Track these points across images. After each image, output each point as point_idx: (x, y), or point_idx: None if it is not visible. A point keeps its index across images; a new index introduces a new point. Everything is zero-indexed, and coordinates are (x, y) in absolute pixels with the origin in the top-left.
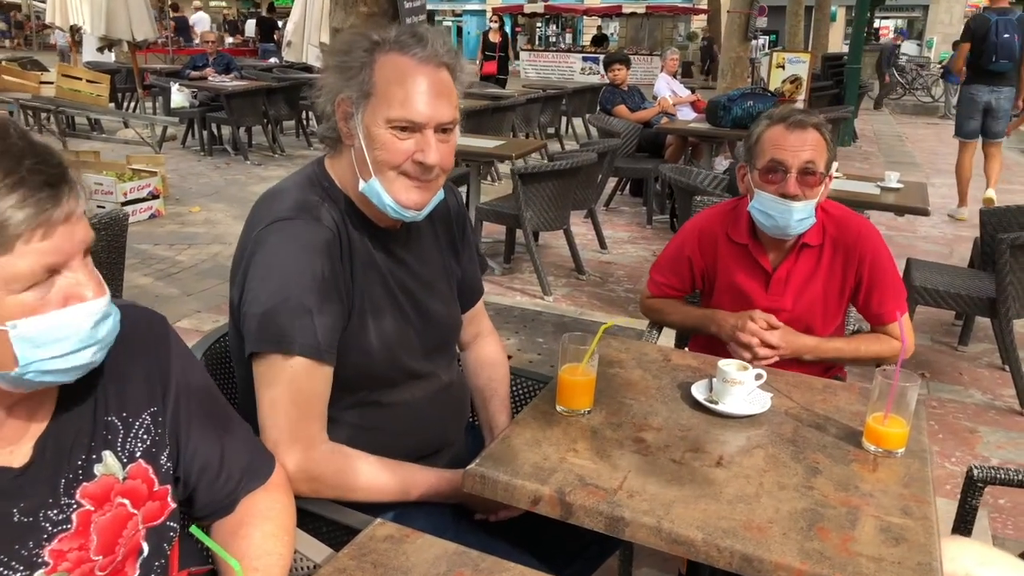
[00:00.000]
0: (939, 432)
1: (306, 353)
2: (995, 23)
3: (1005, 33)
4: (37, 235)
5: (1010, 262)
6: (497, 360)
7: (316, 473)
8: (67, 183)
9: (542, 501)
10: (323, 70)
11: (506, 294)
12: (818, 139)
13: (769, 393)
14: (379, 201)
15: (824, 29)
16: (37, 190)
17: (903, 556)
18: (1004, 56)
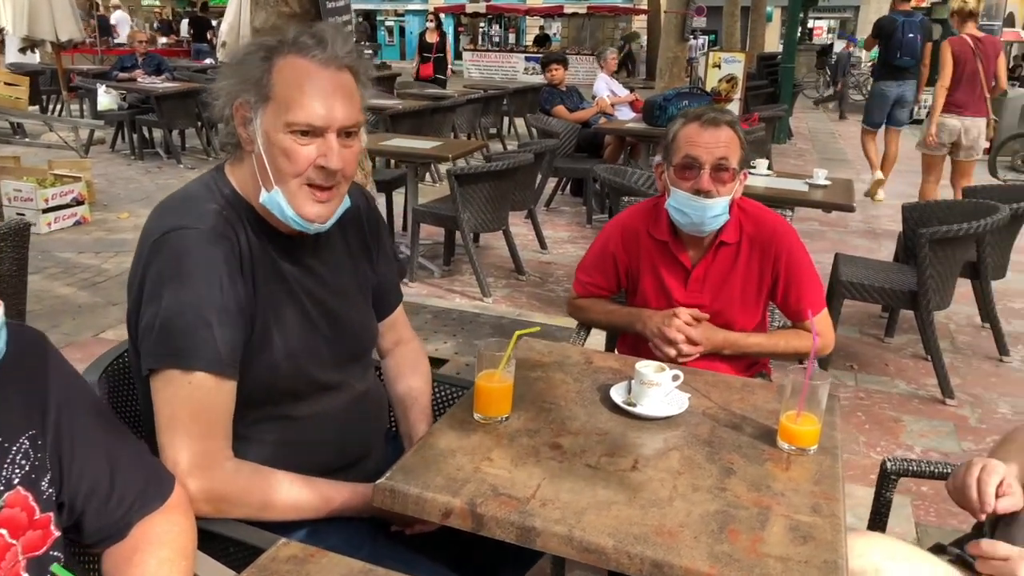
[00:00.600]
0: (866, 423)
1: (207, 368)
2: (901, 24)
3: (910, 33)
4: None
5: (929, 256)
6: (418, 367)
7: (220, 493)
8: None
9: (453, 514)
10: (220, 73)
11: (445, 296)
12: (731, 136)
13: (687, 394)
14: (281, 214)
15: (760, 29)
16: None
17: (810, 555)
18: (907, 54)
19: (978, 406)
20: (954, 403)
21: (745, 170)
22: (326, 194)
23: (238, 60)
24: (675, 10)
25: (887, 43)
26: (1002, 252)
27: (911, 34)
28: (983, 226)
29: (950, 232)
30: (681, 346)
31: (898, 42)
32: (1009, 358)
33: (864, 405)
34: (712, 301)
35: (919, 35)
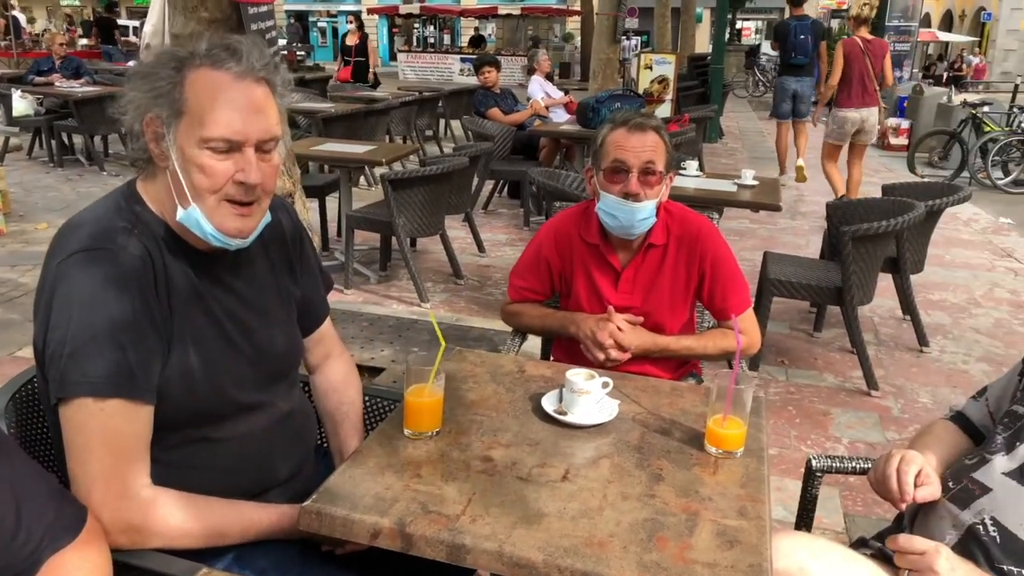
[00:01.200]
0: (796, 417)
1: (120, 394)
2: (794, 27)
3: (801, 35)
4: None
5: (852, 252)
6: (349, 382)
7: (137, 523)
8: None
9: (382, 534)
10: (127, 86)
11: (382, 303)
12: (657, 141)
13: (617, 400)
14: (200, 230)
15: (691, 30)
16: None
17: (736, 559)
18: (801, 53)
19: (900, 396)
20: (878, 394)
21: (671, 172)
22: (246, 209)
23: (146, 72)
24: (607, 12)
25: (783, 44)
26: (920, 247)
27: (802, 36)
28: (902, 223)
29: (871, 229)
30: (610, 351)
31: (792, 44)
32: (929, 349)
33: (795, 400)
34: (642, 302)
35: (810, 36)
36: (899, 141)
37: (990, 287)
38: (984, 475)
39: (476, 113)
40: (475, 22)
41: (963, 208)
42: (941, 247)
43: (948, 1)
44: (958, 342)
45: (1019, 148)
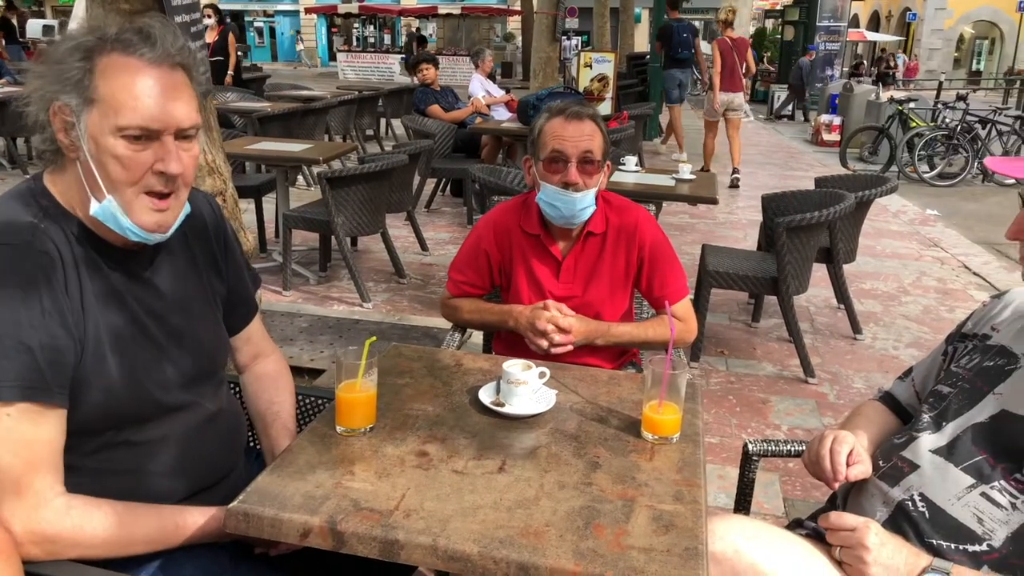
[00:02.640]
0: (737, 406)
1: (28, 397)
2: (676, 28)
3: (684, 34)
4: None
5: (787, 243)
6: (280, 381)
7: (49, 533)
8: None
9: (312, 533)
10: (30, 76)
11: (323, 303)
12: (594, 129)
13: (555, 390)
14: (116, 225)
15: (629, 30)
16: None
17: (672, 543)
18: (684, 48)
19: (836, 383)
20: (815, 381)
21: (608, 162)
22: (165, 202)
23: (52, 60)
24: (546, 11)
25: (669, 43)
26: (851, 237)
27: (684, 35)
28: (833, 213)
29: (804, 220)
30: (552, 336)
31: (677, 42)
32: (862, 336)
33: (735, 389)
34: (583, 291)
35: (689, 35)
36: (831, 137)
37: (918, 276)
38: (912, 453)
39: (416, 111)
40: (415, 22)
41: (892, 200)
42: (872, 238)
43: (875, 2)
44: (889, 329)
45: (944, 143)
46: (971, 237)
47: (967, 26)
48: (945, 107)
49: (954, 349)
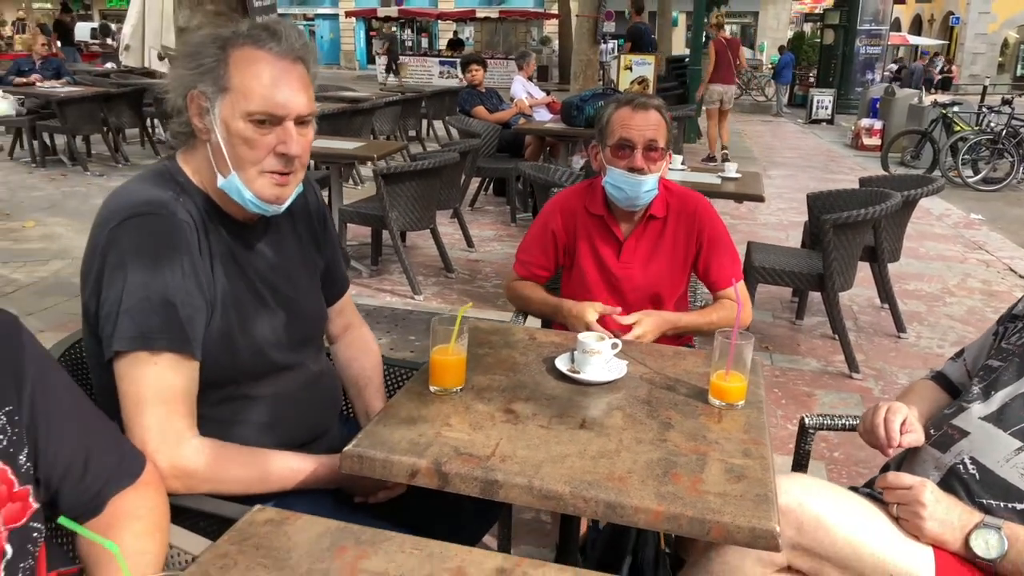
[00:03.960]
0: (782, 398)
1: (172, 348)
2: (644, 29)
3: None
4: None
5: (833, 240)
6: (369, 349)
7: (188, 469)
8: None
9: (419, 473)
10: (172, 65)
11: (376, 296)
12: (659, 119)
13: (625, 361)
14: (239, 197)
15: (667, 33)
16: None
17: (744, 490)
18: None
19: (880, 378)
20: (859, 377)
21: (670, 150)
22: (284, 178)
23: (191, 52)
24: (587, 14)
25: (639, 42)
26: (896, 237)
27: (652, 36)
28: (879, 211)
29: (851, 217)
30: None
31: (646, 42)
32: (906, 335)
33: (780, 382)
34: (642, 271)
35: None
36: (872, 141)
37: (963, 277)
38: (962, 421)
39: (461, 111)
40: (453, 25)
41: (935, 204)
42: (915, 240)
43: (917, 6)
44: (933, 328)
45: (988, 147)
46: (1017, 241)
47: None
48: (990, 111)
49: (1005, 329)
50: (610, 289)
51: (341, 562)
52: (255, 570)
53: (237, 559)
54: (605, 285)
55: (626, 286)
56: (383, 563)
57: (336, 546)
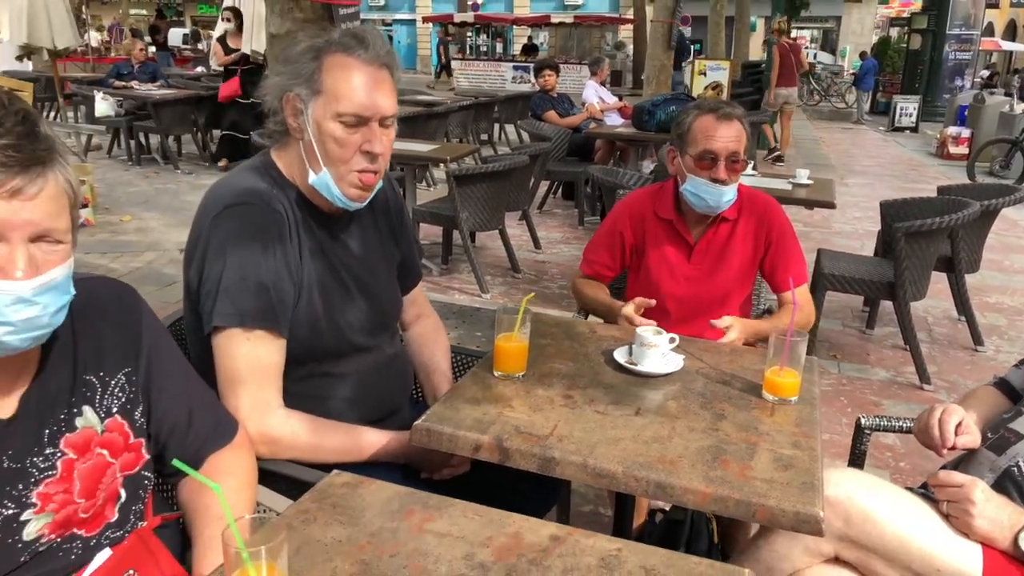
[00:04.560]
0: (848, 406)
1: (264, 326)
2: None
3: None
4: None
5: (905, 249)
6: (438, 337)
7: (275, 436)
8: (29, 165)
9: (482, 448)
10: (270, 71)
11: (445, 293)
12: (741, 129)
13: (682, 355)
14: (328, 192)
15: (744, 38)
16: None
17: (791, 478)
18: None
19: (954, 391)
20: (931, 388)
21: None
22: (368, 176)
23: (289, 59)
24: (661, 20)
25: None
26: (975, 247)
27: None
28: (955, 220)
29: (924, 226)
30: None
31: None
32: (983, 348)
33: (847, 391)
34: (712, 273)
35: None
36: (959, 150)
37: None
38: (1020, 425)
39: (533, 115)
40: (527, 30)
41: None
42: (999, 253)
43: (1012, 11)
44: (1014, 343)
45: None
46: None
47: None
48: None
49: None
50: (677, 291)
51: (409, 523)
52: (332, 525)
53: (316, 515)
54: (672, 287)
55: (694, 288)
56: (447, 525)
57: (405, 509)
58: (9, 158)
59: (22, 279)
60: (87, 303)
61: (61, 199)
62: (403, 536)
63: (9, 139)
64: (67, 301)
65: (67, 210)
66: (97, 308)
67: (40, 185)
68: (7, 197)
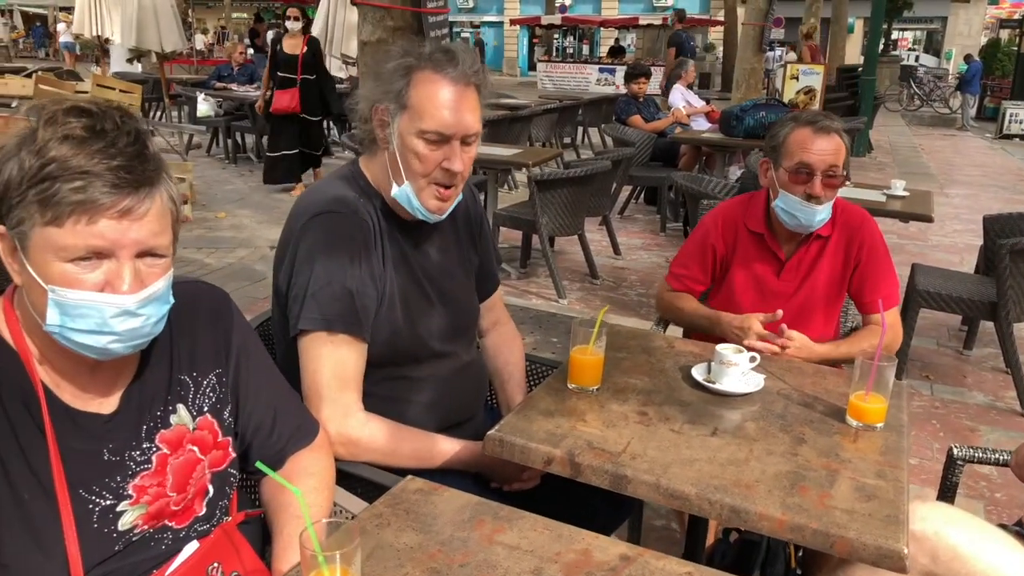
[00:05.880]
0: (940, 430)
1: (347, 331)
2: (685, 37)
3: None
4: (83, 219)
5: (1010, 267)
6: (514, 345)
7: (353, 438)
8: (139, 186)
9: (554, 462)
10: (363, 80)
11: (523, 297)
12: (839, 144)
13: (762, 375)
14: (409, 205)
15: (840, 41)
16: (100, 183)
17: (873, 510)
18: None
19: None
20: None
21: (847, 172)
22: (448, 191)
23: (381, 72)
24: (753, 23)
25: (680, 49)
26: None
27: (692, 43)
28: None
29: None
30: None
31: (687, 50)
32: None
33: (939, 414)
34: (801, 290)
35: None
36: None
37: None
38: None
39: (617, 120)
40: (615, 32)
41: None
42: None
43: None
44: None
45: None
46: None
47: None
48: None
49: None
50: (763, 306)
51: (479, 533)
52: (405, 531)
53: (390, 520)
54: (758, 302)
55: (781, 305)
56: (516, 538)
57: (476, 518)
58: (121, 179)
59: (127, 293)
60: (183, 307)
61: (166, 217)
62: (473, 546)
63: (122, 160)
64: (167, 311)
65: (170, 226)
66: (192, 311)
67: (148, 205)
68: (117, 217)
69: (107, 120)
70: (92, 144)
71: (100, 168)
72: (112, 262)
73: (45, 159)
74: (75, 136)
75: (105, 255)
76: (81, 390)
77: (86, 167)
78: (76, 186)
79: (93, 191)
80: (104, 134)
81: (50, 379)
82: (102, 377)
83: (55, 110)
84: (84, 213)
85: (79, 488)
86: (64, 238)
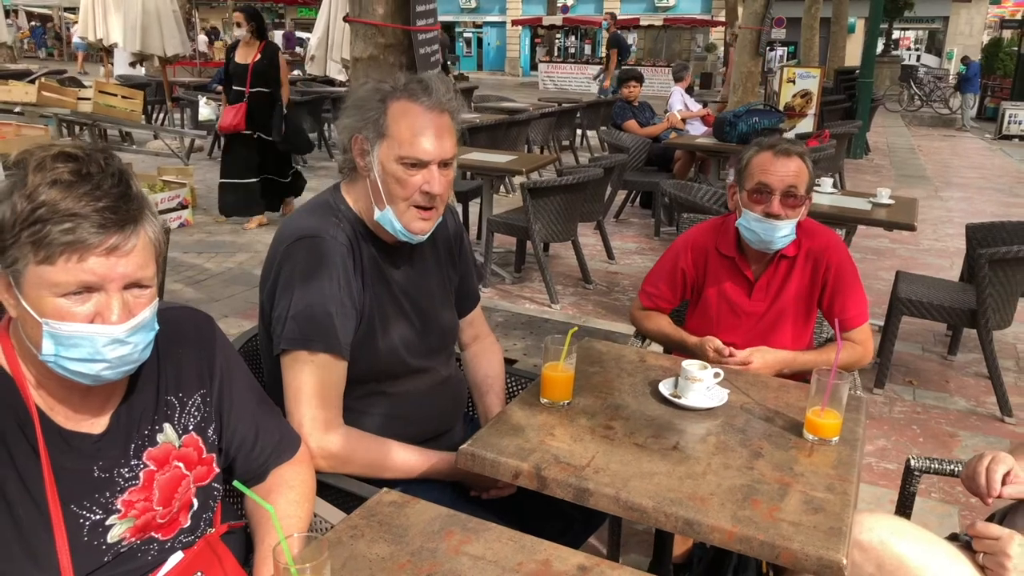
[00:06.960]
0: (920, 436)
1: (327, 350)
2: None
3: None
4: (74, 258)
5: (989, 275)
6: (494, 358)
7: (333, 451)
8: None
9: (522, 475)
10: (342, 113)
11: (516, 302)
12: (800, 166)
13: (727, 390)
14: (392, 228)
15: (840, 42)
16: (88, 224)
17: (818, 522)
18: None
19: None
20: (1012, 421)
21: (810, 195)
22: (428, 213)
23: (358, 102)
24: (750, 26)
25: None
26: None
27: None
28: None
29: (1010, 253)
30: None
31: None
32: None
33: (921, 419)
34: (771, 309)
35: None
36: None
37: None
38: None
39: (613, 124)
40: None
41: None
42: None
43: None
44: None
45: None
46: None
47: None
48: None
49: None
50: (736, 326)
51: (448, 544)
52: (377, 542)
53: (364, 531)
54: (731, 322)
55: (752, 323)
56: (482, 548)
57: (445, 530)
58: (107, 219)
59: (117, 323)
60: (169, 332)
61: (149, 250)
62: (440, 556)
63: (107, 201)
64: (153, 337)
65: (154, 259)
66: (177, 336)
67: (134, 241)
68: (105, 254)
69: (92, 164)
70: (79, 187)
71: (87, 210)
72: (101, 295)
73: (36, 203)
74: (63, 180)
75: (95, 289)
76: (73, 412)
77: (74, 209)
78: (66, 228)
79: (82, 232)
80: (90, 177)
81: (44, 403)
82: (93, 400)
83: (43, 156)
84: (74, 252)
85: (71, 504)
86: (56, 275)
